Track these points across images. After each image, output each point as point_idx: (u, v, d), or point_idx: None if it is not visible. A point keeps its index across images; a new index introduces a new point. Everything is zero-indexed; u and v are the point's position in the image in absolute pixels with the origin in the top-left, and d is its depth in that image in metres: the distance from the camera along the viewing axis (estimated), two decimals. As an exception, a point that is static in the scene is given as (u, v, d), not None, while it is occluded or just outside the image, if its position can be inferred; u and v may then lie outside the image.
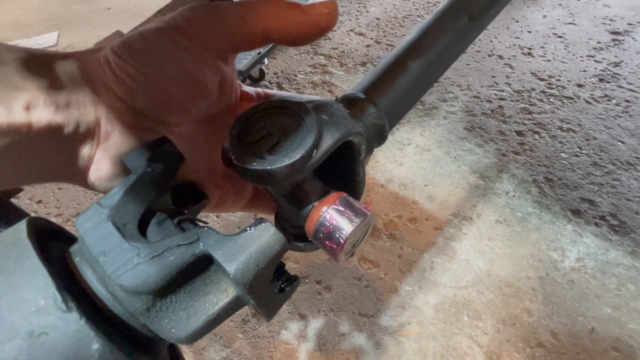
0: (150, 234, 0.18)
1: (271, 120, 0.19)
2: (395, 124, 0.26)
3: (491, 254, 0.94)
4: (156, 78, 0.19)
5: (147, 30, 0.19)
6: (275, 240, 0.16)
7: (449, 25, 0.27)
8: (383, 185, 1.10)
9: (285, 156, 0.17)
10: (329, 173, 0.22)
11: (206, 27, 0.19)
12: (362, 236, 0.20)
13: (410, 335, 0.82)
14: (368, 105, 0.23)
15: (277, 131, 0.19)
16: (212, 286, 0.16)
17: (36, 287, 0.14)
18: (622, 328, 0.81)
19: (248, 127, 0.19)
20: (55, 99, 0.18)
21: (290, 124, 0.19)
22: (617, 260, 0.91)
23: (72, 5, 2.19)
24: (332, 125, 0.19)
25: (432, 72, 0.27)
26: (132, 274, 0.15)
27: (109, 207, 0.17)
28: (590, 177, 1.08)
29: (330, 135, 0.18)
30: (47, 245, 0.16)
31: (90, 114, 0.19)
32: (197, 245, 0.16)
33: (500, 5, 0.30)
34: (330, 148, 0.18)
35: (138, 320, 0.15)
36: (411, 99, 0.27)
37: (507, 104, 1.33)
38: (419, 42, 0.26)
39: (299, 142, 0.18)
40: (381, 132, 0.24)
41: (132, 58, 0.19)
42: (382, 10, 1.88)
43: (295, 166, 0.17)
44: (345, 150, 0.20)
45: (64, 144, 0.19)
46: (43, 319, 0.14)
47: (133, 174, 0.18)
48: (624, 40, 1.57)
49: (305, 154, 0.17)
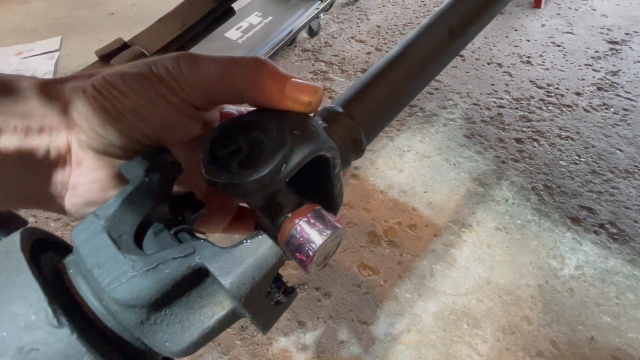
0: (146, 245, 0.18)
1: (243, 134, 0.19)
2: (373, 137, 0.26)
3: (491, 261, 0.94)
4: (132, 120, 0.19)
5: (130, 74, 0.19)
6: (271, 253, 0.16)
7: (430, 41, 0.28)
8: (383, 191, 1.11)
9: (254, 170, 0.17)
10: (306, 185, 0.22)
11: (185, 81, 0.19)
12: (334, 248, 0.20)
13: (410, 343, 0.81)
14: (345, 119, 0.24)
15: (248, 145, 0.19)
16: (208, 299, 0.16)
17: (28, 302, 0.14)
18: (622, 337, 0.81)
19: (220, 141, 0.19)
20: (28, 124, 0.18)
21: (261, 138, 0.19)
22: (617, 268, 0.91)
23: (76, 11, 2.21)
24: (303, 140, 0.19)
25: (411, 86, 0.27)
26: (126, 287, 0.15)
27: (104, 217, 0.16)
28: (589, 185, 1.09)
29: (300, 150, 0.18)
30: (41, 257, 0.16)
31: (61, 139, 0.19)
32: (192, 258, 0.15)
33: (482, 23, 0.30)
34: (300, 163, 0.18)
35: (132, 334, 0.15)
36: (389, 113, 0.27)
37: (506, 112, 1.33)
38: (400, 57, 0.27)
39: (268, 157, 0.18)
40: (358, 145, 0.24)
41: (111, 96, 0.19)
42: (383, 18, 1.90)
43: (264, 180, 0.17)
44: (320, 164, 0.21)
45: (36, 169, 0.19)
46: (33, 334, 0.13)
47: (130, 184, 0.18)
48: (621, 50, 1.58)
49: (274, 168, 0.17)
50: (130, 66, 0.19)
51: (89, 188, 0.20)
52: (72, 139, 0.19)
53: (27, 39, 1.94)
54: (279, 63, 1.65)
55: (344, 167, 0.23)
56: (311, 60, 1.65)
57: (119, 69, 0.19)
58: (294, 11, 1.65)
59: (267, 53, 1.48)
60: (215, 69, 0.19)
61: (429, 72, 0.28)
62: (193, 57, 0.19)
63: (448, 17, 0.29)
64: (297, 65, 1.62)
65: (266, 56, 1.47)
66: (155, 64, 0.19)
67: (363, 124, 0.24)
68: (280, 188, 0.19)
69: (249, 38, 1.56)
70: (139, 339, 0.15)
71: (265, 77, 0.20)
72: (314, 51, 1.70)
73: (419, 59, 0.27)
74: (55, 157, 0.19)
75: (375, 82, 0.26)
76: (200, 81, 0.19)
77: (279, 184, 0.18)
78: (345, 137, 0.23)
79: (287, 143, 0.18)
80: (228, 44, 1.54)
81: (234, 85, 0.19)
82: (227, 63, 0.19)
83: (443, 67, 0.29)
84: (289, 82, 0.20)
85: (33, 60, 1.77)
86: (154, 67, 0.19)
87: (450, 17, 0.29)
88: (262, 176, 0.17)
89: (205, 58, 0.20)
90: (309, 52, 1.70)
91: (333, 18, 1.92)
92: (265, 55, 1.47)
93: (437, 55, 0.28)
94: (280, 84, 0.20)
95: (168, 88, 0.19)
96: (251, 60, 0.20)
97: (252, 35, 1.57)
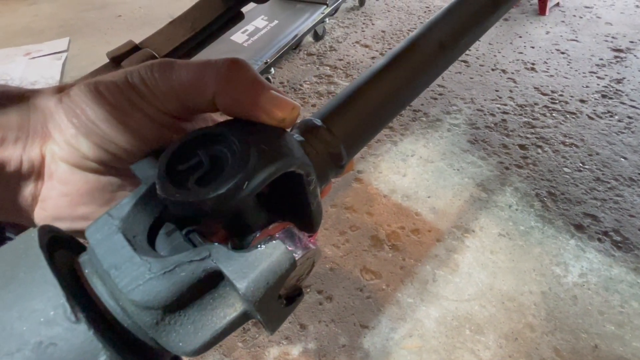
0: (158, 245, 0.18)
1: (205, 148, 0.18)
2: (355, 152, 0.24)
3: (494, 267, 0.93)
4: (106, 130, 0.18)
5: (104, 83, 0.18)
6: (285, 258, 0.16)
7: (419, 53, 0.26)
8: (386, 195, 1.11)
9: (212, 188, 0.16)
10: (281, 203, 0.21)
11: (159, 88, 0.18)
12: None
13: (412, 348, 0.81)
14: (324, 133, 0.22)
15: (209, 160, 0.17)
16: (220, 300, 0.16)
17: (46, 298, 0.14)
18: (626, 346, 0.80)
19: (181, 155, 0.18)
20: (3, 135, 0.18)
21: (225, 153, 0.17)
22: (621, 276, 0.91)
23: (84, 13, 2.23)
24: (271, 156, 0.17)
25: (397, 99, 0.25)
26: (143, 289, 0.15)
27: (119, 218, 0.17)
28: (593, 193, 1.08)
29: (266, 166, 0.17)
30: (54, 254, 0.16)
31: (35, 151, 0.18)
32: (208, 262, 0.16)
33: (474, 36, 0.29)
34: (265, 180, 0.17)
35: (146, 334, 0.15)
36: (372, 127, 0.25)
37: (510, 118, 1.33)
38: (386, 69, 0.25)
39: (229, 174, 0.16)
40: (337, 161, 0.22)
41: (84, 105, 0.18)
42: (388, 23, 1.91)
43: (222, 199, 0.16)
44: (293, 181, 0.19)
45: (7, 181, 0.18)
46: (52, 329, 0.14)
47: (143, 185, 0.18)
48: (626, 58, 1.58)
49: (233, 186, 0.16)
50: (106, 76, 0.19)
51: (58, 202, 0.19)
52: (46, 151, 0.18)
53: (35, 39, 1.96)
54: (284, 66, 1.66)
55: (321, 183, 0.21)
56: (316, 64, 1.66)
57: (95, 79, 0.19)
58: (299, 15, 1.66)
59: (273, 56, 1.49)
60: (188, 72, 0.18)
61: (416, 86, 0.26)
62: (167, 63, 0.18)
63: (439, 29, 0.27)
64: (302, 68, 1.63)
65: (271, 59, 1.47)
66: (131, 72, 0.18)
67: (343, 138, 0.22)
68: (246, 206, 0.18)
69: (254, 41, 1.57)
70: (152, 338, 0.16)
71: (239, 82, 0.18)
72: (319, 55, 1.71)
73: (407, 72, 0.25)
74: (27, 169, 0.18)
75: (359, 95, 0.24)
76: (173, 87, 0.18)
77: (241, 202, 0.17)
78: (323, 152, 0.21)
79: (250, 159, 0.17)
80: (234, 47, 1.55)
81: (205, 90, 0.18)
82: (200, 66, 0.18)
83: (432, 80, 0.28)
84: (265, 92, 0.18)
85: (41, 60, 1.79)
86: (129, 76, 0.18)
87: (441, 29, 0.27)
88: (219, 194, 0.16)
89: (179, 63, 0.19)
90: (314, 56, 1.71)
91: (338, 22, 1.93)
92: (270, 58, 1.48)
93: (426, 68, 0.26)
94: (254, 92, 0.18)
95: (142, 97, 0.18)
96: (225, 62, 0.18)
97: (258, 39, 1.58)
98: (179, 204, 0.16)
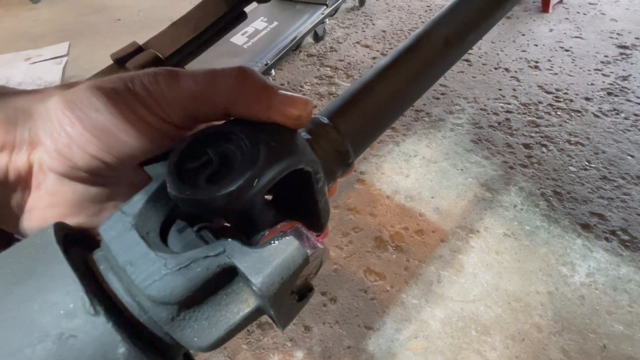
0: (171, 242, 0.18)
1: (215, 146, 0.18)
2: (361, 150, 0.24)
3: (499, 267, 0.92)
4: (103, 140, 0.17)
5: (103, 89, 0.18)
6: (298, 254, 0.16)
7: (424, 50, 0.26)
8: (389, 196, 1.10)
9: (222, 186, 0.16)
10: (289, 201, 0.21)
11: (164, 98, 0.18)
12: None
13: (417, 350, 0.80)
14: (330, 131, 0.22)
15: (219, 158, 0.17)
16: (233, 296, 0.16)
17: (65, 291, 0.14)
18: (635, 346, 0.79)
19: (190, 154, 0.18)
20: None
21: (234, 151, 0.18)
22: (629, 276, 0.89)
23: (83, 17, 2.24)
24: (280, 153, 0.17)
25: (402, 97, 0.25)
26: (160, 285, 0.15)
27: (132, 215, 0.17)
28: (600, 191, 1.07)
29: (275, 163, 0.17)
30: (69, 250, 0.16)
31: (22, 159, 0.17)
32: (223, 257, 0.16)
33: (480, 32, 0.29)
34: (274, 177, 0.17)
35: (162, 329, 0.16)
36: (379, 125, 0.25)
37: (514, 117, 1.32)
38: (392, 67, 0.25)
39: (239, 171, 0.16)
40: (344, 159, 0.22)
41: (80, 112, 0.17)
42: (388, 23, 1.91)
43: (232, 196, 0.16)
44: (301, 179, 0.19)
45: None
46: (72, 322, 0.14)
47: (154, 182, 0.18)
48: (631, 54, 1.57)
49: (244, 183, 0.16)
50: (105, 81, 0.18)
51: (45, 213, 0.19)
52: (34, 159, 0.18)
53: (35, 44, 1.96)
54: (285, 68, 1.65)
55: (329, 181, 0.21)
56: (316, 65, 1.65)
57: (92, 83, 0.18)
58: (299, 16, 1.66)
59: (273, 58, 1.48)
60: (196, 83, 0.18)
61: (422, 83, 0.26)
62: (172, 72, 0.18)
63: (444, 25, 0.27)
64: (302, 70, 1.63)
65: (272, 61, 1.47)
66: (132, 79, 0.18)
67: (350, 136, 0.22)
68: (255, 204, 0.18)
69: (254, 43, 1.57)
70: (167, 334, 0.16)
71: (250, 90, 0.18)
72: (319, 56, 1.70)
73: (413, 69, 0.25)
74: (14, 177, 0.18)
75: (365, 92, 0.24)
76: (181, 97, 0.18)
77: (251, 200, 0.17)
78: (330, 150, 0.22)
79: (260, 156, 0.17)
80: (233, 49, 1.55)
81: (216, 100, 0.18)
82: (208, 76, 0.18)
83: (438, 78, 0.28)
84: (276, 94, 0.18)
85: (41, 65, 1.79)
86: (130, 84, 0.18)
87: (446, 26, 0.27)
88: (230, 192, 0.16)
89: (184, 73, 0.18)
90: (315, 57, 1.70)
91: (338, 23, 1.92)
92: (270, 60, 1.47)
93: (431, 65, 0.26)
94: (266, 97, 0.18)
95: (145, 106, 0.18)
96: (234, 71, 0.18)
97: (258, 41, 1.58)
98: (190, 201, 0.16)
